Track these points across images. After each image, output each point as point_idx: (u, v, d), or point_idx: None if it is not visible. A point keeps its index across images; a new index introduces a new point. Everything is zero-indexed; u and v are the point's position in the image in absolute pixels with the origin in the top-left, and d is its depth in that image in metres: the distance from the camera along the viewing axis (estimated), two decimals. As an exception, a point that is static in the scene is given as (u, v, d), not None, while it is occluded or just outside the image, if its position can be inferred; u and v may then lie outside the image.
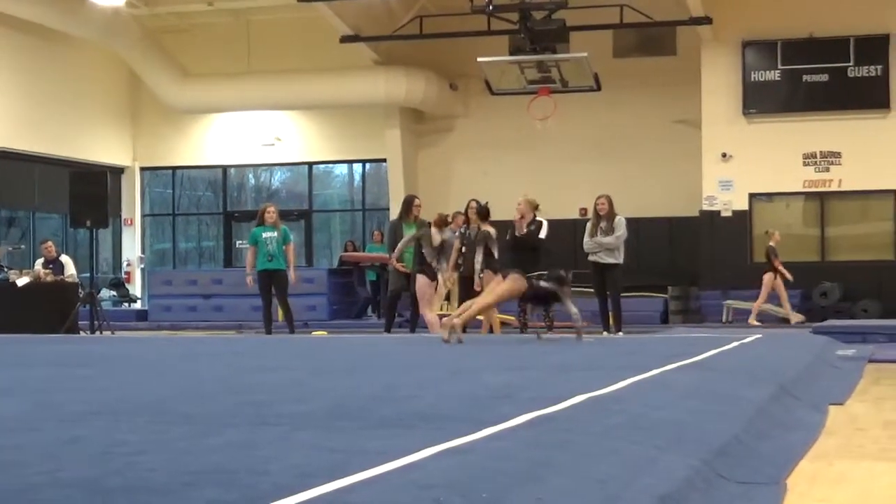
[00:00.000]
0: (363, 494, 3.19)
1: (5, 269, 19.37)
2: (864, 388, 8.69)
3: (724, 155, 23.78)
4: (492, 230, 15.00)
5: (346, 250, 25.89)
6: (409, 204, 16.48)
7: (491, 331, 15.64)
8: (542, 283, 11.68)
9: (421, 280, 15.47)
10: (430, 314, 15.64)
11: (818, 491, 4.43)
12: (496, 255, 14.90)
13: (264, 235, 16.75)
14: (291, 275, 16.80)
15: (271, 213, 16.94)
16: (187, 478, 3.42)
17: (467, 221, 15.65)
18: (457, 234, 15.59)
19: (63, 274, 18.86)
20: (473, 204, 15.41)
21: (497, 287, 12.11)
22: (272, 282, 16.70)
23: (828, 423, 6.49)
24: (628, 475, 3.87)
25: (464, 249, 15.20)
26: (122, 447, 4.08)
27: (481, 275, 14.73)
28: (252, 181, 30.99)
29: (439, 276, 15.35)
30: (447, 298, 16.49)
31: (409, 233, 16.07)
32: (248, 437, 4.37)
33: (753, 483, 4.40)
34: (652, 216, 24.81)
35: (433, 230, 15.46)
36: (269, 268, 16.64)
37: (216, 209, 30.35)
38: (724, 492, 4.17)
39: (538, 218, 12.23)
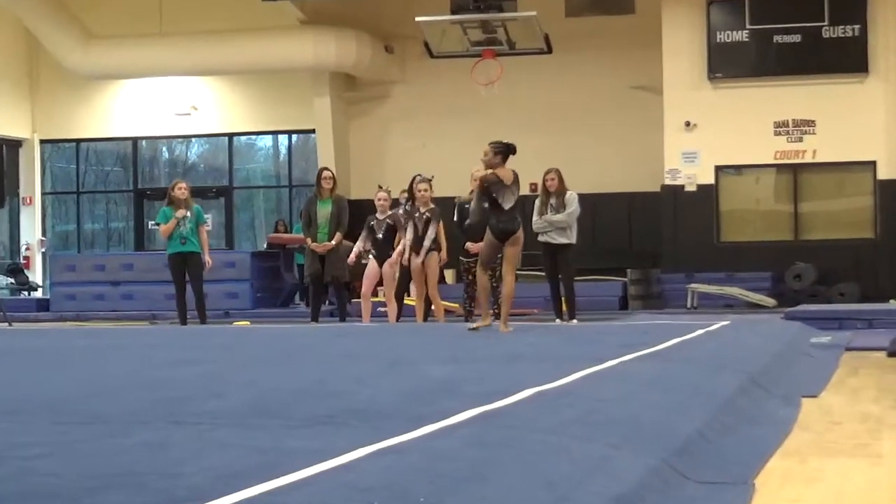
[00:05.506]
0: (291, 498, 3.19)
1: None
2: (841, 379, 8.78)
3: (687, 124, 23.88)
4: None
5: (276, 231, 25.80)
6: (318, 178, 16.56)
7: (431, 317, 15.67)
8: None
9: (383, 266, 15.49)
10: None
11: (789, 491, 4.48)
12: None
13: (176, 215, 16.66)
14: (207, 258, 16.70)
15: (182, 191, 16.83)
16: (92, 482, 3.41)
17: (412, 198, 15.66)
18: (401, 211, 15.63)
19: (-46, 259, 18.69)
20: (419, 178, 15.42)
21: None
22: (186, 266, 16.61)
23: (800, 416, 6.56)
24: (579, 475, 3.89)
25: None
26: (18, 450, 4.05)
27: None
28: (166, 155, 30.81)
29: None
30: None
31: (323, 210, 16.10)
32: (160, 438, 4.36)
33: (718, 483, 4.44)
34: (609, 192, 24.89)
35: None
36: (183, 251, 16.56)
37: (126, 186, 30.13)
38: (685, 493, 4.21)
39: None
